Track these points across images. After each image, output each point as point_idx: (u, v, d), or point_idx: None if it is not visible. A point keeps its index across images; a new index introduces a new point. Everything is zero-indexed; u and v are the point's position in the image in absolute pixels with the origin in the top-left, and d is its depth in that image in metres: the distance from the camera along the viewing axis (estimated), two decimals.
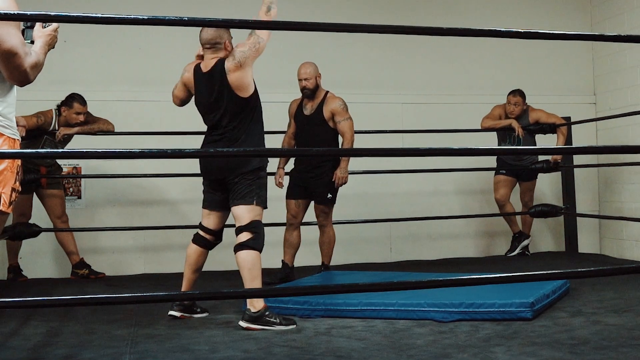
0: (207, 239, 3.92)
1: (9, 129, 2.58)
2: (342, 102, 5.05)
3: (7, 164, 2.55)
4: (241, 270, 3.68)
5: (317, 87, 5.08)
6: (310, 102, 5.10)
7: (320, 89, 5.10)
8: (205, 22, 3.45)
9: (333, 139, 5.11)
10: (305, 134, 5.12)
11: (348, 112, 5.05)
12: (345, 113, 5.04)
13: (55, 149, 5.25)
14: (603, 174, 7.09)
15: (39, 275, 5.85)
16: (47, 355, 3.14)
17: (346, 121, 5.02)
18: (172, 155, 3.43)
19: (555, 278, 3.87)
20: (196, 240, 3.93)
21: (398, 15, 6.77)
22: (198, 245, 3.92)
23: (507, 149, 6.11)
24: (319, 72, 5.10)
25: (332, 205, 5.14)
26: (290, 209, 5.14)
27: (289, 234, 5.17)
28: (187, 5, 6.36)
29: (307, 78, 5.04)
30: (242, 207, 3.72)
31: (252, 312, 3.57)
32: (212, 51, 3.83)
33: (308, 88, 5.04)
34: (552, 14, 7.19)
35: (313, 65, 5.09)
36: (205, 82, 3.82)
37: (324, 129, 5.06)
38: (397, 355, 2.97)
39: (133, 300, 3.46)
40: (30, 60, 2.49)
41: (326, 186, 5.05)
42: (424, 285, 3.28)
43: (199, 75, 3.85)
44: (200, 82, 3.84)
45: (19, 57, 2.44)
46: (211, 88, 3.79)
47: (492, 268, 5.64)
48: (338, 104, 5.04)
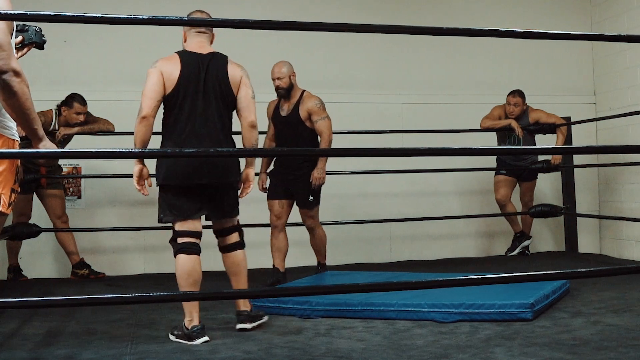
0: (198, 244, 3.54)
1: (8, 130, 2.58)
2: (318, 101, 4.89)
3: (7, 164, 2.55)
4: (241, 269, 3.61)
5: (292, 86, 4.92)
6: (286, 102, 4.95)
7: (296, 88, 4.94)
8: (205, 22, 3.45)
9: (312, 139, 4.94)
10: (284, 135, 4.97)
11: (325, 111, 4.89)
12: (322, 112, 4.87)
13: (55, 149, 5.24)
14: (603, 174, 7.09)
15: (39, 275, 5.85)
16: (47, 355, 3.14)
17: (323, 120, 4.86)
18: (172, 155, 3.43)
19: (555, 278, 3.87)
20: (191, 248, 3.49)
21: (398, 15, 6.77)
22: (196, 254, 3.50)
23: (507, 149, 6.11)
24: (294, 71, 4.94)
25: (316, 208, 4.97)
26: (274, 210, 4.95)
27: (274, 237, 4.95)
28: (187, 5, 6.35)
29: (280, 77, 4.87)
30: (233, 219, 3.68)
31: (250, 312, 3.55)
32: (205, 37, 3.63)
33: (282, 88, 4.88)
34: (552, 14, 7.19)
35: (287, 64, 4.93)
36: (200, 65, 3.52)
37: (302, 129, 4.90)
38: (397, 356, 2.97)
39: (133, 300, 3.45)
40: (17, 64, 2.44)
41: (307, 189, 4.88)
42: (424, 286, 3.28)
43: (193, 57, 3.53)
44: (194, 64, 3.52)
45: (3, 49, 2.39)
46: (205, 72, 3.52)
47: (492, 268, 5.64)
48: (314, 103, 4.88)
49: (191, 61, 3.50)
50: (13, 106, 2.45)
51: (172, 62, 3.50)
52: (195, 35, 3.60)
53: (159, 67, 3.49)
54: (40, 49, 2.74)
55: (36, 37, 2.69)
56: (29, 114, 2.49)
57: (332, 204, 6.51)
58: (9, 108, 2.47)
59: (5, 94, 2.42)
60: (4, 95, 2.42)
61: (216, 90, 3.52)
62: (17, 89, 2.41)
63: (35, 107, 2.53)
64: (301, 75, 6.64)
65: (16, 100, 2.43)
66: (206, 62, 3.52)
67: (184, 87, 3.47)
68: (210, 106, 3.51)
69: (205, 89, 3.49)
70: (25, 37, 2.65)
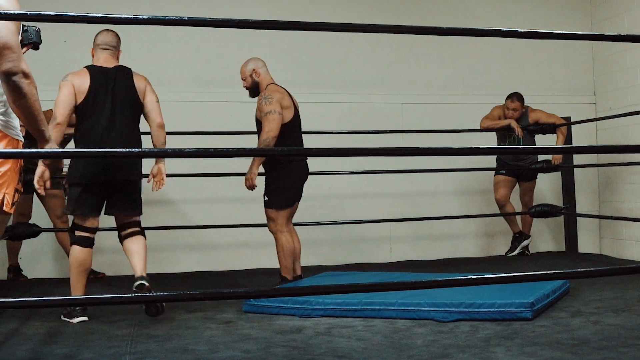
0: (93, 238, 4.02)
1: (13, 130, 2.59)
2: (267, 94, 4.53)
3: (11, 164, 2.55)
4: (143, 252, 4.03)
5: (257, 83, 4.66)
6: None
7: (262, 84, 4.64)
8: (205, 22, 3.45)
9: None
10: (259, 134, 4.64)
11: (271, 105, 4.47)
12: (266, 106, 4.48)
13: (56, 149, 5.24)
14: (603, 174, 7.09)
15: (39, 275, 5.85)
16: (47, 355, 3.14)
17: (265, 116, 4.47)
18: (172, 155, 3.44)
19: (555, 278, 3.87)
20: (85, 242, 3.96)
21: (398, 15, 6.78)
22: (89, 247, 3.98)
23: (507, 149, 6.11)
24: (258, 66, 4.66)
25: (274, 210, 4.58)
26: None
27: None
28: (187, 5, 6.36)
29: (243, 78, 4.70)
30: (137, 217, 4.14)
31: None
32: (111, 53, 4.08)
33: (246, 87, 4.72)
34: (552, 14, 7.19)
35: (250, 61, 4.70)
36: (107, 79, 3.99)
37: (261, 127, 4.57)
38: (397, 355, 2.97)
39: (133, 300, 3.47)
40: (26, 66, 2.44)
41: (266, 189, 4.65)
42: (424, 285, 3.28)
43: (99, 71, 3.99)
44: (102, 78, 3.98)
45: (13, 51, 2.40)
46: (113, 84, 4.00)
47: (492, 268, 5.64)
48: (261, 99, 4.54)
49: (99, 74, 3.97)
50: (22, 107, 2.46)
51: (82, 75, 3.96)
52: (102, 52, 4.06)
53: (70, 80, 3.96)
54: (36, 50, 2.74)
55: (36, 37, 2.69)
56: (37, 115, 2.50)
57: (331, 204, 6.52)
58: (17, 109, 2.48)
59: (15, 96, 2.42)
60: (13, 97, 2.43)
61: (124, 98, 3.99)
62: (26, 91, 2.42)
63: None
64: (301, 75, 6.67)
65: (25, 101, 2.44)
66: (113, 75, 3.99)
67: (94, 97, 3.92)
68: (119, 113, 3.96)
69: (114, 98, 3.96)
70: (24, 37, 2.66)
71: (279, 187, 4.60)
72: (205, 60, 6.40)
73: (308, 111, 6.19)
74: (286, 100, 4.62)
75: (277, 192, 4.59)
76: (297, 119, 4.74)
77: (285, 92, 4.68)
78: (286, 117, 4.58)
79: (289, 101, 4.66)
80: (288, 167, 4.60)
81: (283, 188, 4.60)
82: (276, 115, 4.48)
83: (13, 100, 2.44)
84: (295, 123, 4.69)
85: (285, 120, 4.57)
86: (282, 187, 4.60)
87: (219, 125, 5.91)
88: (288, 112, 4.61)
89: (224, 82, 6.18)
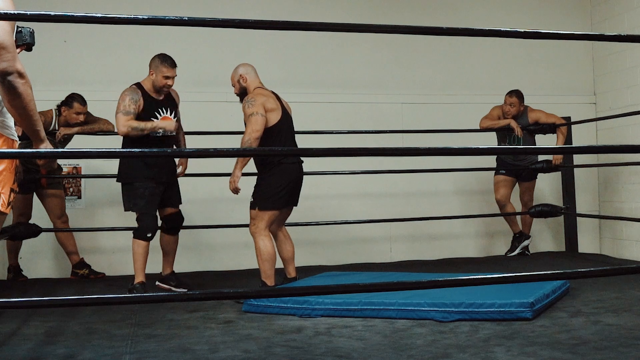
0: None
1: (8, 130, 2.58)
2: (250, 97, 4.50)
3: (6, 164, 2.55)
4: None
5: (245, 89, 4.64)
6: None
7: (250, 89, 4.62)
8: (205, 22, 3.45)
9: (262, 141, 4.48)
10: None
11: (253, 107, 4.44)
12: (249, 109, 4.46)
13: (55, 149, 5.24)
14: (603, 174, 7.09)
15: (39, 275, 5.85)
16: (47, 355, 3.14)
17: (247, 119, 4.45)
18: (172, 154, 3.44)
19: (555, 278, 3.86)
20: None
21: (398, 15, 6.78)
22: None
23: (507, 149, 6.09)
24: (243, 73, 4.65)
25: (258, 211, 4.48)
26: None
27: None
28: (187, 5, 6.36)
29: (232, 84, 4.71)
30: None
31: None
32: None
33: (236, 94, 4.71)
34: (552, 14, 7.20)
35: (237, 68, 4.69)
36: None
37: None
38: (397, 355, 2.97)
39: (133, 300, 3.47)
40: (21, 66, 2.44)
41: (255, 189, 4.58)
42: (424, 286, 3.27)
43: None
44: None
45: (8, 51, 2.40)
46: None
47: (492, 268, 5.64)
48: (245, 102, 4.52)
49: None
50: (17, 107, 2.46)
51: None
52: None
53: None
54: (29, 51, 2.73)
55: (30, 38, 2.68)
56: (32, 115, 2.50)
57: (331, 204, 6.52)
58: (12, 109, 2.48)
59: (10, 96, 2.42)
60: (8, 97, 2.43)
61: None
62: (21, 91, 2.42)
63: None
64: (301, 76, 6.68)
65: (20, 101, 2.44)
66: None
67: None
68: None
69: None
70: (18, 38, 2.65)
71: (264, 188, 4.52)
72: (205, 60, 6.40)
73: (308, 111, 6.21)
74: (271, 103, 4.54)
75: (262, 193, 4.51)
76: (286, 122, 4.64)
77: (271, 95, 4.61)
78: (271, 119, 4.51)
79: (275, 104, 4.57)
80: (276, 169, 4.52)
81: (268, 189, 4.51)
82: (259, 117, 4.42)
83: (8, 100, 2.44)
84: (282, 126, 4.59)
85: (271, 123, 4.50)
86: (267, 189, 4.51)
87: (219, 125, 5.91)
88: (274, 115, 4.54)
89: (224, 82, 6.14)
